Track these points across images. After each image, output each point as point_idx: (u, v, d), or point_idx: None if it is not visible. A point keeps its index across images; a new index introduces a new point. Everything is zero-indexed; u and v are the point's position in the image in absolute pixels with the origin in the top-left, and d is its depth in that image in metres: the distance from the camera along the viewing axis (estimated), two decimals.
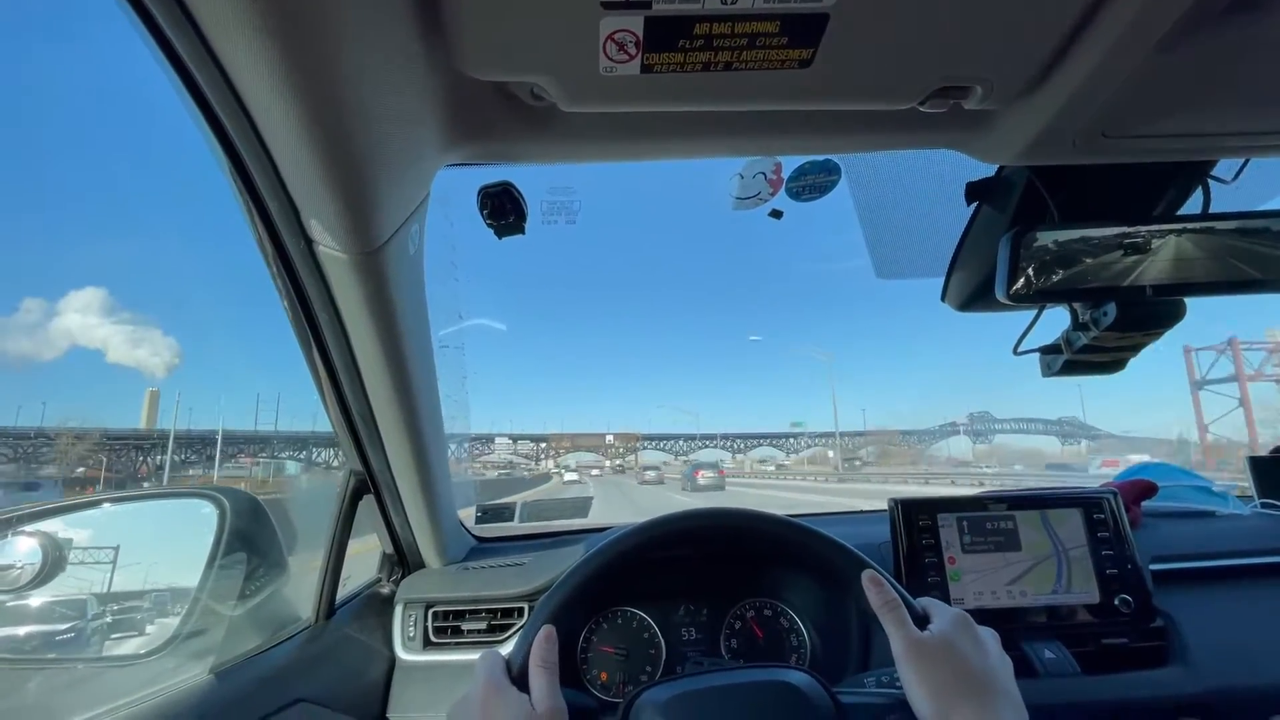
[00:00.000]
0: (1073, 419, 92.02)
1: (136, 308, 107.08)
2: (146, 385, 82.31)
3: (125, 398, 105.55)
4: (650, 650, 1.04)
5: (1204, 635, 0.89)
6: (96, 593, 0.84)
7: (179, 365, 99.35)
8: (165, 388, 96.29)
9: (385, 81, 0.46)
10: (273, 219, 0.54)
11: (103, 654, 0.80)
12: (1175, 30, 0.45)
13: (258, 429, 52.43)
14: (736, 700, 0.59)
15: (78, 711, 0.62)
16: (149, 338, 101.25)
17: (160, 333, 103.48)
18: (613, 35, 0.43)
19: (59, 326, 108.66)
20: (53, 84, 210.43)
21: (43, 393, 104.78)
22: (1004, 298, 0.70)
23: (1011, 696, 0.55)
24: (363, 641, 0.94)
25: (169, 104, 0.47)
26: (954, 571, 0.93)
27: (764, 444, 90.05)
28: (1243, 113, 0.57)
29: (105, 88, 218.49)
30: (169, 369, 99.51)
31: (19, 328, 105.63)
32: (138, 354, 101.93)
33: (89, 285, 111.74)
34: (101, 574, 0.81)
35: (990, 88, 0.51)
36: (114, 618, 0.84)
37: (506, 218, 0.71)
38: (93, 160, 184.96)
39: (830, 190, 0.78)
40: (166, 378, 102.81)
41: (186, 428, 48.90)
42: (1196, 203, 0.73)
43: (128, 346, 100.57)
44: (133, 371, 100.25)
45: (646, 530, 0.70)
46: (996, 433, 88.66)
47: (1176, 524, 1.15)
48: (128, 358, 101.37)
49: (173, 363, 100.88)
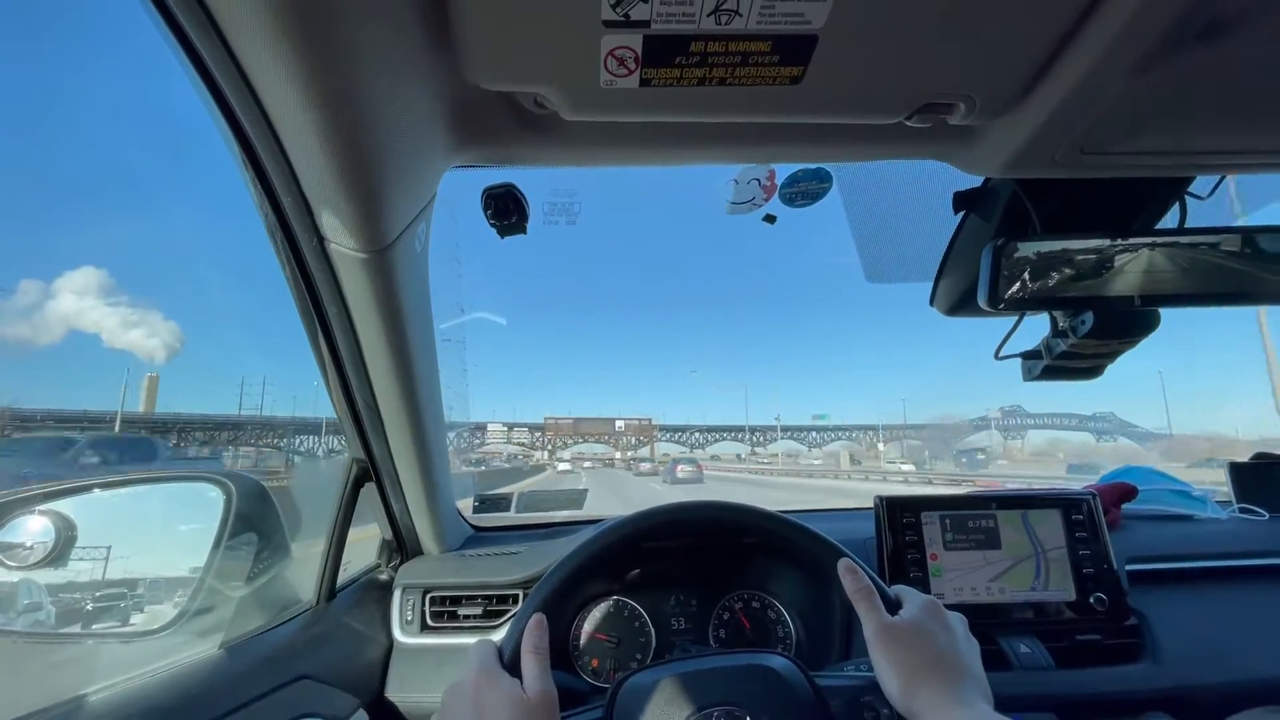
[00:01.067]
0: (1109, 414, 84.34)
1: (138, 292, 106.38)
2: (145, 370, 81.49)
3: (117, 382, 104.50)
4: (641, 639, 1.07)
5: (1175, 633, 0.92)
6: (107, 571, 0.87)
7: (179, 351, 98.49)
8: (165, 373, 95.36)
9: (397, 90, 0.48)
10: (287, 217, 0.57)
11: (112, 629, 0.83)
12: (1152, 52, 0.47)
13: (267, 414, 51.53)
14: (718, 683, 0.62)
15: (92, 682, 0.65)
16: (147, 321, 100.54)
17: (160, 316, 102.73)
18: (613, 51, 0.45)
19: (64, 310, 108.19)
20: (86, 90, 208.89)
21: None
22: (986, 305, 0.73)
23: (977, 677, 0.57)
24: (362, 624, 0.97)
25: (193, 108, 0.50)
26: (935, 567, 0.96)
27: (785, 437, 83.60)
28: (1218, 132, 0.60)
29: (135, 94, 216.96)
30: (170, 354, 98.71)
31: (16, 311, 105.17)
32: (130, 337, 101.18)
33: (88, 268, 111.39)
34: (112, 553, 0.84)
35: (973, 105, 0.53)
36: (124, 595, 0.86)
37: (509, 218, 0.74)
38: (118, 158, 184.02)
39: (823, 197, 0.81)
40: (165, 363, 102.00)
41: (203, 413, 48.05)
42: (1174, 218, 0.76)
43: (123, 330, 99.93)
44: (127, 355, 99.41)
45: (635, 522, 0.73)
46: (1029, 428, 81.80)
47: (1155, 526, 1.18)
48: (124, 341, 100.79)
49: (174, 347, 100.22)
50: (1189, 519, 1.22)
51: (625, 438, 76.81)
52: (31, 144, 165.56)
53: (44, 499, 0.82)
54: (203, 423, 46.09)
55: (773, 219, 0.83)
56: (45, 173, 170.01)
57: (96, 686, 0.65)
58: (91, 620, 0.81)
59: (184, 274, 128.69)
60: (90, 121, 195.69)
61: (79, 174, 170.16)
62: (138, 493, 0.93)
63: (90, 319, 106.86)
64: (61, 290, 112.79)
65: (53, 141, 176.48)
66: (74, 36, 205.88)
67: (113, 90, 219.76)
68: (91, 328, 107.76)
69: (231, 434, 45.94)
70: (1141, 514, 1.23)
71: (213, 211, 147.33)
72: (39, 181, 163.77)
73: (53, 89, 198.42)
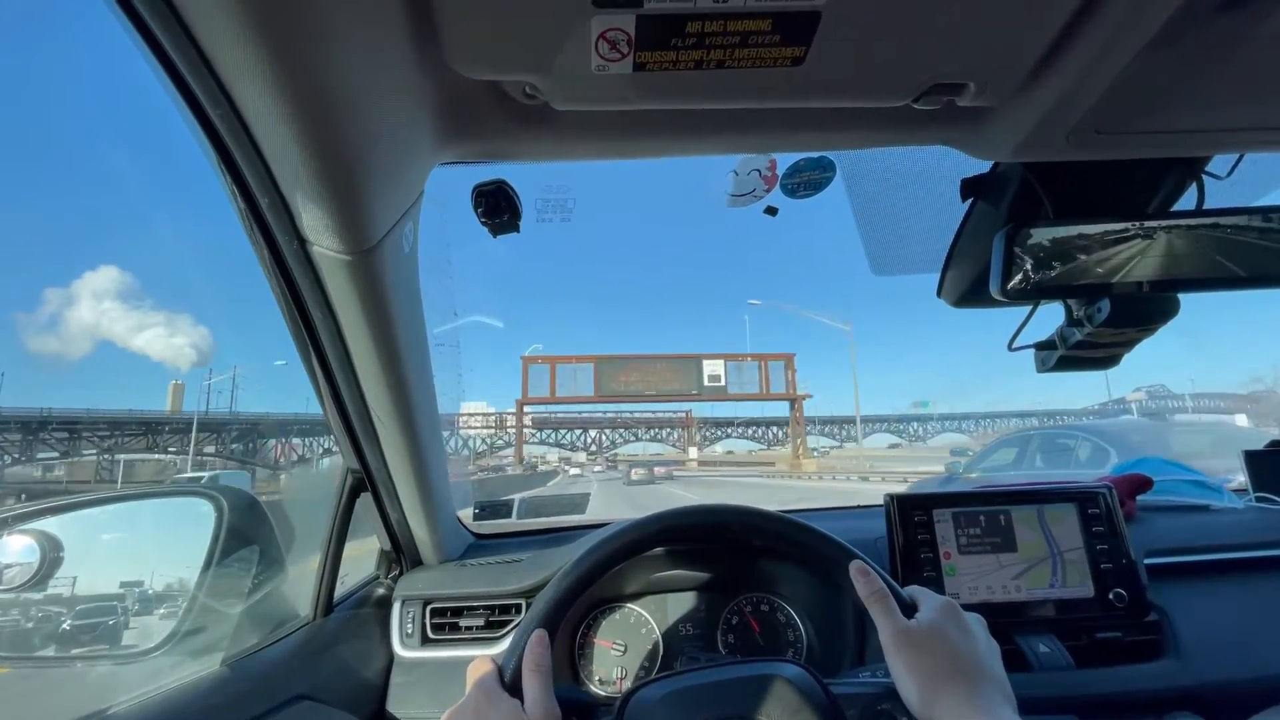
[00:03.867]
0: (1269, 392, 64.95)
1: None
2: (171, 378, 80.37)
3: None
4: (648, 646, 1.05)
5: (1197, 628, 0.90)
6: (94, 591, 0.84)
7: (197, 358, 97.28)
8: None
9: (377, 80, 0.46)
10: (266, 218, 0.54)
11: (102, 651, 0.81)
12: (1168, 27, 0.45)
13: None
14: (730, 694, 0.59)
15: (82, 708, 0.62)
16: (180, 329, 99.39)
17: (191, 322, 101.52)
18: (604, 34, 0.43)
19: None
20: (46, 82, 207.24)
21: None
22: (998, 294, 0.71)
23: (998, 680, 0.55)
24: (361, 638, 0.95)
25: (160, 103, 0.47)
26: (949, 566, 0.94)
27: (882, 429, 68.87)
28: (1236, 108, 0.57)
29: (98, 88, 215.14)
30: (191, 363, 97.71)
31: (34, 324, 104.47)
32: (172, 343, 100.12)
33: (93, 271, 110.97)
34: (99, 573, 0.81)
35: (984, 85, 0.51)
36: (114, 615, 0.84)
37: (501, 216, 0.71)
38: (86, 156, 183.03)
39: (826, 187, 0.78)
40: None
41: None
42: (1191, 199, 0.73)
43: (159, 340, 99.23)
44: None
45: (638, 528, 0.70)
46: (1176, 411, 63.89)
47: (1171, 518, 1.15)
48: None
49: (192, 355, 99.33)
50: (1205, 509, 1.19)
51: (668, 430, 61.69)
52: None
53: (28, 518, 0.80)
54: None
55: (774, 211, 0.81)
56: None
57: (86, 712, 0.62)
58: (80, 643, 0.79)
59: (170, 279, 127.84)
60: (53, 117, 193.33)
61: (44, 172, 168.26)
62: (126, 509, 0.91)
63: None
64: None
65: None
66: (38, 26, 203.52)
67: (67, 77, 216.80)
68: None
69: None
70: (1157, 505, 1.20)
71: (192, 212, 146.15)
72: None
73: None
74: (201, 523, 0.83)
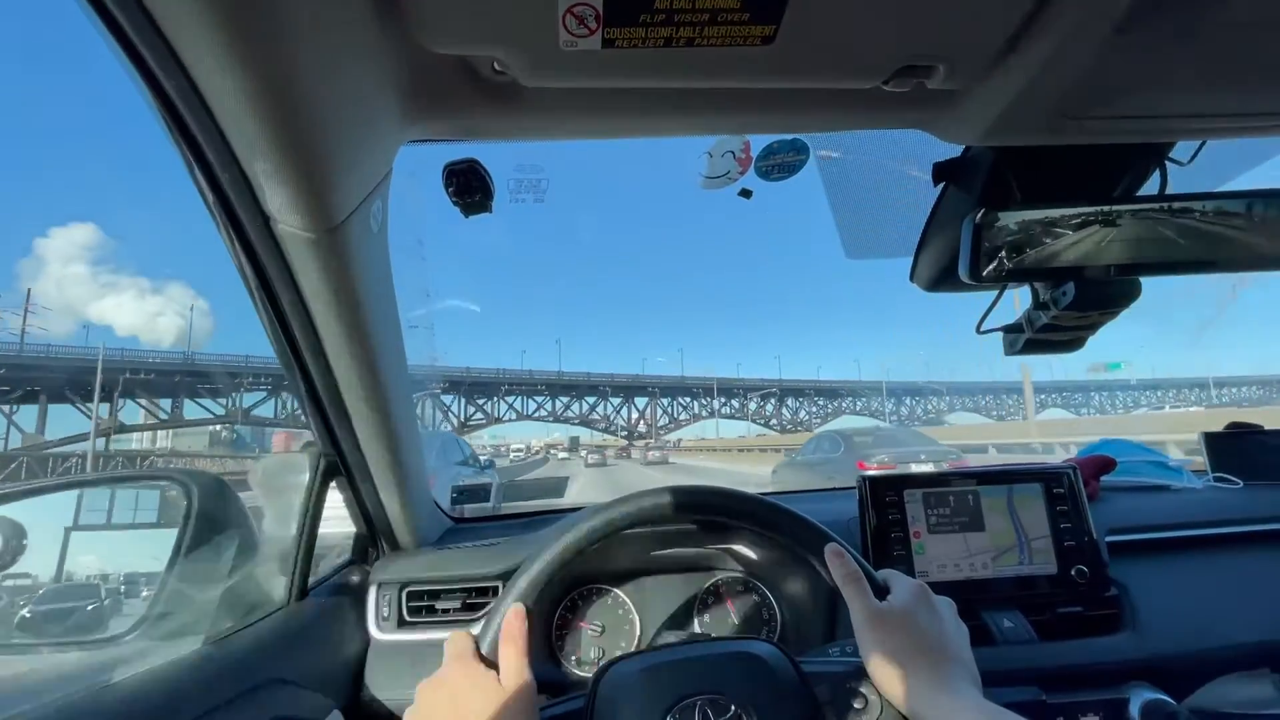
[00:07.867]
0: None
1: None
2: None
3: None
4: (625, 626, 1.06)
5: (1155, 603, 0.93)
6: (63, 577, 0.83)
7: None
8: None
9: (339, 52, 0.45)
10: (227, 194, 0.53)
11: (71, 638, 0.80)
12: (1133, 12, 0.46)
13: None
14: (702, 670, 0.60)
15: (50, 692, 0.61)
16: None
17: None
18: (572, 9, 0.42)
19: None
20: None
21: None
22: (967, 278, 0.71)
23: (965, 662, 0.57)
24: (337, 622, 0.94)
25: (115, 77, 0.46)
26: (919, 545, 0.96)
27: (1054, 404, 58.20)
28: (1199, 95, 0.58)
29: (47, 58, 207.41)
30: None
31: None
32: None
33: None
34: (64, 558, 0.80)
35: (952, 67, 0.51)
36: (83, 601, 0.83)
37: (473, 195, 0.70)
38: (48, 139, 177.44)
39: (799, 169, 0.78)
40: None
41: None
42: (1155, 185, 0.75)
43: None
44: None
45: (614, 508, 0.71)
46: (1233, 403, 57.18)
47: (1133, 497, 1.19)
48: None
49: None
50: (1165, 489, 1.23)
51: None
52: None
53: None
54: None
55: (749, 193, 0.81)
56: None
57: (56, 697, 0.61)
58: (47, 629, 0.78)
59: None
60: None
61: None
62: (94, 494, 0.89)
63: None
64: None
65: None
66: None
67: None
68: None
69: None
70: (1119, 485, 1.24)
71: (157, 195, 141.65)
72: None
73: None
74: (171, 507, 0.83)
